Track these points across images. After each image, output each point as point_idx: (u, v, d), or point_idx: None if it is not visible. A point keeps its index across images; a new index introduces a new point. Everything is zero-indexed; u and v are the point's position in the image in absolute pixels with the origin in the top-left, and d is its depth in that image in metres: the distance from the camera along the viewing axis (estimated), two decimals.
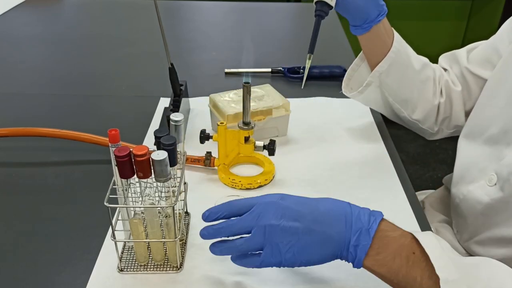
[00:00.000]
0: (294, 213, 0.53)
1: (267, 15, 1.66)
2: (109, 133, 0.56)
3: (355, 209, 0.55)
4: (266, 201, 0.54)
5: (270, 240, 0.53)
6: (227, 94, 0.92)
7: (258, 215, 0.54)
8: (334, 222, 0.53)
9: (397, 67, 0.83)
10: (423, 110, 0.88)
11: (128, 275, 0.62)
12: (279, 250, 0.53)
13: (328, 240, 0.53)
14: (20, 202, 0.75)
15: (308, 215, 0.53)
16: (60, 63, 1.26)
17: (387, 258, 0.52)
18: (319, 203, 0.55)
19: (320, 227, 0.53)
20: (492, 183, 0.72)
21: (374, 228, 0.52)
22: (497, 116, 0.74)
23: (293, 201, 0.55)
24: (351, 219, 0.53)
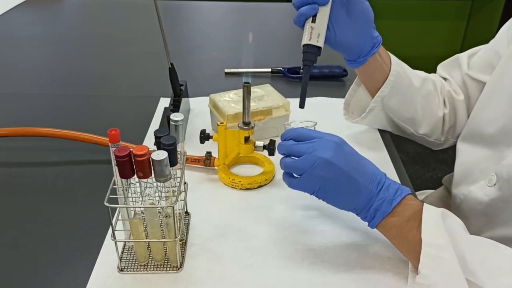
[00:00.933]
0: (343, 157, 0.60)
1: (267, 15, 1.66)
2: (109, 133, 0.56)
3: (388, 180, 0.62)
4: (327, 139, 0.62)
5: (313, 172, 0.60)
6: (227, 94, 0.92)
7: (314, 148, 0.61)
8: (370, 182, 0.60)
9: (398, 89, 0.83)
10: (428, 124, 0.88)
11: (128, 275, 0.62)
12: (316, 181, 0.60)
13: (358, 191, 0.60)
14: (20, 202, 0.75)
15: (353, 165, 0.61)
16: (60, 63, 1.26)
17: (401, 220, 0.59)
18: (367, 162, 0.63)
19: (358, 177, 0.60)
20: (491, 183, 0.72)
21: (397, 200, 0.59)
22: (497, 117, 0.74)
23: (348, 148, 0.63)
24: (382, 187, 0.60)
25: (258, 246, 0.66)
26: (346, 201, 0.61)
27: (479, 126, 0.78)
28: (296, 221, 0.71)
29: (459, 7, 2.62)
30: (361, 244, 0.67)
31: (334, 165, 0.59)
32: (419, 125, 0.88)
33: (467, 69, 0.86)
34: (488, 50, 0.84)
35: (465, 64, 0.86)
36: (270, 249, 0.65)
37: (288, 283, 0.61)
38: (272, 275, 0.62)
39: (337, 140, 0.61)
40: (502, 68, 0.77)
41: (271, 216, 0.72)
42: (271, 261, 0.64)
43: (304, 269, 0.63)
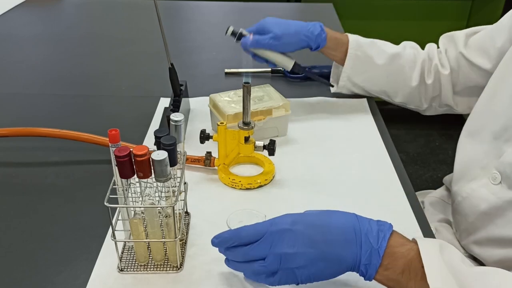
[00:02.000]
0: (307, 239, 0.54)
1: (267, 15, 1.66)
2: (109, 133, 0.56)
3: (363, 224, 0.55)
4: (278, 229, 0.55)
5: (286, 267, 0.54)
6: (227, 94, 0.92)
7: (271, 244, 0.54)
8: (346, 244, 0.54)
9: (359, 68, 0.95)
10: (403, 94, 0.97)
11: (128, 275, 0.62)
12: (294, 274, 0.54)
13: (342, 262, 0.54)
14: (20, 202, 0.75)
15: (320, 240, 0.54)
16: (60, 63, 1.26)
17: (395, 272, 0.54)
18: (331, 223, 0.56)
19: (334, 250, 0.54)
20: (496, 181, 0.72)
21: (383, 247, 0.54)
22: (499, 114, 0.74)
23: (305, 225, 0.55)
24: (361, 238, 0.54)
25: None
26: (334, 273, 0.56)
27: (481, 122, 0.78)
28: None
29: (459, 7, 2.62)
30: None
31: (300, 253, 0.54)
32: (393, 96, 0.98)
33: (462, 47, 0.90)
34: (486, 33, 0.87)
35: (461, 42, 0.91)
36: None
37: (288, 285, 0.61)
38: None
39: (287, 227, 0.55)
40: (505, 64, 0.77)
41: (271, 216, 0.72)
42: None
43: None
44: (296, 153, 0.87)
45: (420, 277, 0.52)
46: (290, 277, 0.55)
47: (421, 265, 0.52)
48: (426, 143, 2.47)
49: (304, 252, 0.54)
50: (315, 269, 0.54)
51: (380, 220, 0.57)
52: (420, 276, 0.52)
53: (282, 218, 0.56)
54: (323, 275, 0.55)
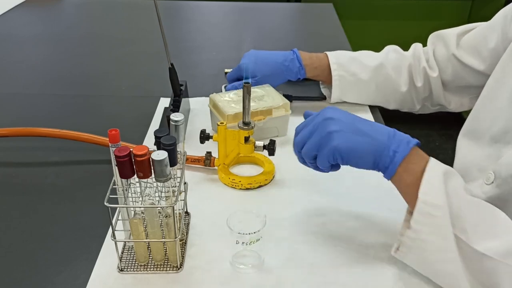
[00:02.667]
0: (346, 114, 0.63)
1: (267, 15, 1.66)
2: (109, 133, 0.56)
3: (394, 130, 0.63)
4: (332, 107, 0.64)
5: (324, 128, 0.61)
6: (227, 94, 0.92)
7: (317, 114, 0.64)
8: (381, 129, 0.62)
9: (347, 88, 0.97)
10: (395, 100, 0.98)
11: (128, 275, 0.62)
12: (331, 137, 0.60)
13: (374, 138, 0.60)
14: (20, 202, 0.75)
15: (363, 121, 0.63)
16: (60, 63, 1.26)
17: (417, 169, 0.59)
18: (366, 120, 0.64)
19: (369, 126, 0.62)
20: (489, 181, 0.72)
21: (413, 143, 0.60)
22: (498, 117, 0.74)
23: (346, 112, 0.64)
24: (394, 133, 0.61)
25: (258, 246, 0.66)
26: (364, 149, 0.60)
27: (480, 124, 0.78)
28: (296, 221, 0.71)
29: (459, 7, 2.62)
30: (361, 244, 0.67)
31: (339, 120, 0.61)
32: (386, 104, 0.99)
33: (454, 48, 0.90)
34: (478, 33, 0.86)
35: (452, 42, 0.90)
36: (270, 249, 0.65)
37: (288, 283, 0.61)
38: (272, 275, 0.62)
39: (329, 106, 0.65)
40: (502, 66, 0.77)
41: (271, 216, 0.72)
42: (271, 261, 0.64)
43: (304, 269, 0.63)
44: None
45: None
46: (325, 141, 0.61)
47: None
48: (426, 143, 2.47)
49: (343, 121, 0.61)
50: (350, 135, 0.60)
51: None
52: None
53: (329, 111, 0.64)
54: (355, 145, 0.60)
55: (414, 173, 0.59)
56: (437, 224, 0.56)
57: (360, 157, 0.60)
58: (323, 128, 0.61)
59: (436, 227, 0.56)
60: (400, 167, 0.59)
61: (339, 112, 0.63)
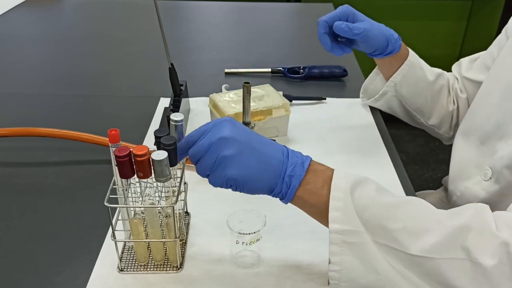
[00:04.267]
0: (239, 131, 0.56)
1: (267, 15, 1.66)
2: (109, 133, 0.56)
3: (288, 148, 0.59)
4: (216, 123, 0.57)
5: (217, 150, 0.55)
6: (227, 94, 0.92)
7: (212, 126, 0.57)
8: (275, 151, 0.57)
9: (410, 78, 0.89)
10: (438, 116, 0.93)
11: (128, 275, 0.62)
12: (225, 159, 0.55)
13: (269, 164, 0.56)
14: (20, 202, 0.75)
15: (251, 135, 0.57)
16: (60, 63, 1.26)
17: (317, 186, 0.56)
18: (260, 136, 0.59)
19: (263, 148, 0.57)
20: (487, 177, 0.73)
21: (307, 162, 0.57)
22: (491, 113, 0.75)
23: (241, 125, 0.58)
24: (288, 154, 0.57)
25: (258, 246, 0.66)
26: (261, 177, 0.56)
27: (475, 122, 0.79)
28: (296, 221, 0.71)
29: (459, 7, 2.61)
30: None
31: (235, 140, 0.55)
32: (428, 116, 0.94)
33: (464, 71, 0.91)
34: (485, 54, 0.88)
35: (464, 67, 0.92)
36: (270, 249, 0.65)
37: (288, 283, 0.61)
38: (272, 275, 0.62)
39: (226, 119, 0.57)
40: (497, 66, 0.79)
41: (271, 216, 0.72)
42: (271, 261, 0.64)
43: (304, 269, 0.63)
44: None
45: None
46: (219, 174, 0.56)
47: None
48: (425, 143, 2.47)
49: (234, 139, 0.55)
50: (243, 158, 0.55)
51: None
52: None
53: (221, 119, 0.58)
54: (248, 170, 0.55)
55: (315, 191, 0.56)
56: (358, 250, 0.53)
57: (255, 186, 0.56)
58: (217, 150, 0.55)
59: (358, 253, 0.53)
60: (299, 191, 0.56)
61: (235, 129, 0.56)
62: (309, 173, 0.56)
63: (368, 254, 0.53)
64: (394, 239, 0.53)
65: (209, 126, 0.57)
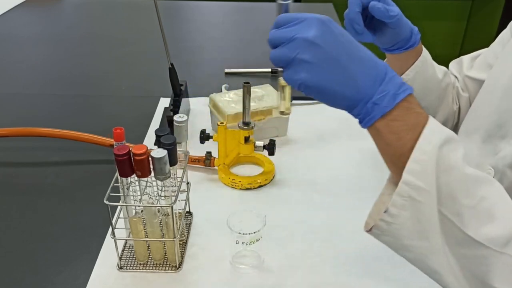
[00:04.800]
0: (330, 37, 0.49)
1: (267, 15, 1.66)
2: (114, 131, 0.57)
3: (390, 72, 0.50)
4: (310, 17, 0.50)
5: (296, 48, 0.49)
6: (227, 94, 0.92)
7: (304, 19, 0.50)
8: (367, 70, 0.49)
9: (422, 75, 0.86)
10: (443, 114, 0.91)
11: (128, 273, 0.62)
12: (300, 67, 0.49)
13: (351, 81, 0.49)
14: (20, 202, 0.75)
15: (343, 46, 0.49)
16: (60, 63, 1.26)
17: (402, 127, 0.49)
18: (361, 46, 0.51)
19: (350, 64, 0.49)
20: None
21: (401, 96, 0.49)
22: (492, 112, 0.75)
23: (336, 29, 0.50)
24: (384, 77, 0.49)
25: (258, 246, 0.66)
26: (338, 94, 0.50)
27: (477, 120, 0.79)
28: (296, 221, 0.71)
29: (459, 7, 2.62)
30: (361, 244, 0.67)
31: (318, 46, 0.48)
32: (433, 115, 0.89)
33: (466, 70, 0.89)
34: (488, 51, 0.86)
35: (466, 64, 0.90)
36: (270, 249, 0.65)
37: (288, 283, 0.61)
38: (272, 275, 0.62)
39: (322, 18, 0.50)
40: (498, 65, 0.78)
41: (271, 216, 0.72)
42: (271, 261, 0.64)
43: (304, 269, 0.63)
44: (296, 153, 0.87)
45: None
46: (294, 72, 0.50)
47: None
48: None
49: (320, 47, 0.48)
50: (321, 69, 0.49)
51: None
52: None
53: (319, 15, 0.50)
54: (326, 84, 0.49)
55: (398, 131, 0.49)
56: (420, 211, 0.48)
57: (330, 99, 0.51)
58: (296, 49, 0.49)
59: (418, 213, 0.49)
60: (379, 123, 0.49)
61: (326, 33, 0.49)
62: (399, 109, 0.49)
63: (427, 218, 0.49)
64: (459, 214, 0.48)
65: (301, 17, 0.50)
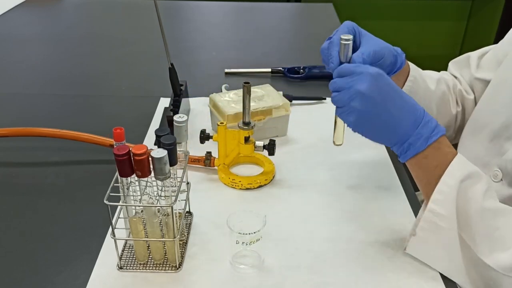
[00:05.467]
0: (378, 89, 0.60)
1: (267, 15, 1.66)
2: (114, 131, 0.57)
3: (427, 116, 0.61)
4: (365, 71, 0.61)
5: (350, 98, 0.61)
6: (227, 94, 0.92)
7: (351, 81, 0.61)
8: (407, 117, 0.61)
9: (416, 93, 0.85)
10: (443, 122, 0.89)
11: (128, 273, 0.62)
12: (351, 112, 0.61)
13: (392, 128, 0.61)
14: (20, 202, 0.75)
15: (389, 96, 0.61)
16: (60, 63, 1.26)
17: (430, 164, 0.60)
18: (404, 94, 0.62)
19: (394, 110, 0.60)
20: (497, 179, 0.72)
21: (433, 139, 0.60)
22: (499, 112, 0.74)
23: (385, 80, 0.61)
24: (420, 123, 0.60)
25: (258, 246, 0.66)
26: (381, 134, 0.63)
27: (483, 120, 0.78)
28: (296, 221, 0.71)
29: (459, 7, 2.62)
30: (361, 244, 0.67)
31: (369, 97, 0.59)
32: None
33: (475, 70, 0.87)
34: (497, 49, 0.85)
35: (474, 64, 0.88)
36: (270, 249, 0.65)
37: (288, 283, 0.61)
38: (271, 276, 0.62)
39: (373, 73, 0.61)
40: (507, 64, 0.77)
41: (271, 216, 0.72)
42: (271, 261, 0.64)
43: (303, 269, 0.63)
44: (296, 153, 0.87)
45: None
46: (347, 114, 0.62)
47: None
48: None
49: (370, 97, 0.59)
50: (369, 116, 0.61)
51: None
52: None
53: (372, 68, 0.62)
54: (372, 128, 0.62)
55: (427, 167, 0.60)
56: (442, 234, 0.58)
57: (373, 138, 0.63)
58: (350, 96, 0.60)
59: (441, 236, 0.58)
60: (413, 159, 0.61)
61: (376, 87, 0.60)
62: (430, 149, 0.60)
63: (449, 241, 0.58)
64: (475, 240, 0.57)
65: (358, 71, 0.61)
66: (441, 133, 0.60)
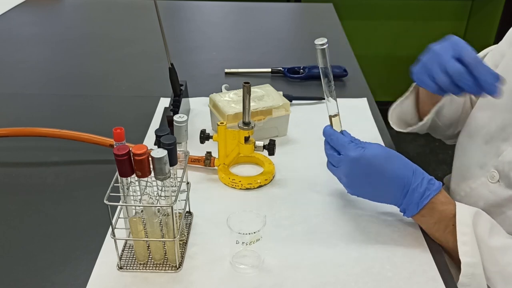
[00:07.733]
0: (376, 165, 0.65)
1: (267, 15, 1.66)
2: (114, 131, 0.56)
3: (415, 181, 0.64)
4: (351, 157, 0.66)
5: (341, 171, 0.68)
6: (227, 94, 0.92)
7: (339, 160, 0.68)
8: (392, 189, 0.65)
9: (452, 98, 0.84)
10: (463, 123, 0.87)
11: (128, 273, 0.62)
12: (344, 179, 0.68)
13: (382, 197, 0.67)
14: (20, 202, 0.75)
15: (372, 176, 0.65)
16: (60, 63, 1.26)
17: (429, 221, 0.65)
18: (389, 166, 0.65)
19: (378, 186, 0.66)
20: (494, 180, 0.72)
21: (423, 203, 0.64)
22: (496, 114, 0.75)
23: (366, 165, 0.65)
24: (408, 190, 0.64)
25: (258, 246, 0.66)
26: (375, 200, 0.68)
27: (479, 121, 0.79)
28: (296, 221, 0.71)
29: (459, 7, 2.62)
30: (361, 244, 0.67)
31: (352, 177, 0.67)
32: (456, 127, 0.91)
33: None
34: (494, 51, 0.84)
35: None
36: (270, 249, 0.65)
37: (288, 283, 0.61)
38: (272, 275, 0.62)
39: (352, 157, 0.66)
40: (504, 65, 0.77)
41: (271, 216, 0.72)
42: (271, 261, 0.64)
43: (304, 269, 0.63)
44: (296, 153, 0.87)
45: (448, 231, 0.64)
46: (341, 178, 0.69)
47: (452, 223, 0.63)
48: (426, 143, 2.47)
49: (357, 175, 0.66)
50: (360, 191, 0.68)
51: (433, 179, 0.65)
52: (448, 230, 0.64)
53: (357, 149, 0.67)
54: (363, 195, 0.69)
55: (427, 223, 0.66)
56: (480, 280, 0.62)
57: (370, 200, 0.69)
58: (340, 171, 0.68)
59: (479, 283, 0.62)
60: (414, 217, 0.67)
61: (356, 170, 0.65)
62: (425, 210, 0.65)
63: (484, 283, 0.62)
64: (489, 278, 0.61)
65: (341, 151, 0.68)
66: (433, 193, 0.63)
